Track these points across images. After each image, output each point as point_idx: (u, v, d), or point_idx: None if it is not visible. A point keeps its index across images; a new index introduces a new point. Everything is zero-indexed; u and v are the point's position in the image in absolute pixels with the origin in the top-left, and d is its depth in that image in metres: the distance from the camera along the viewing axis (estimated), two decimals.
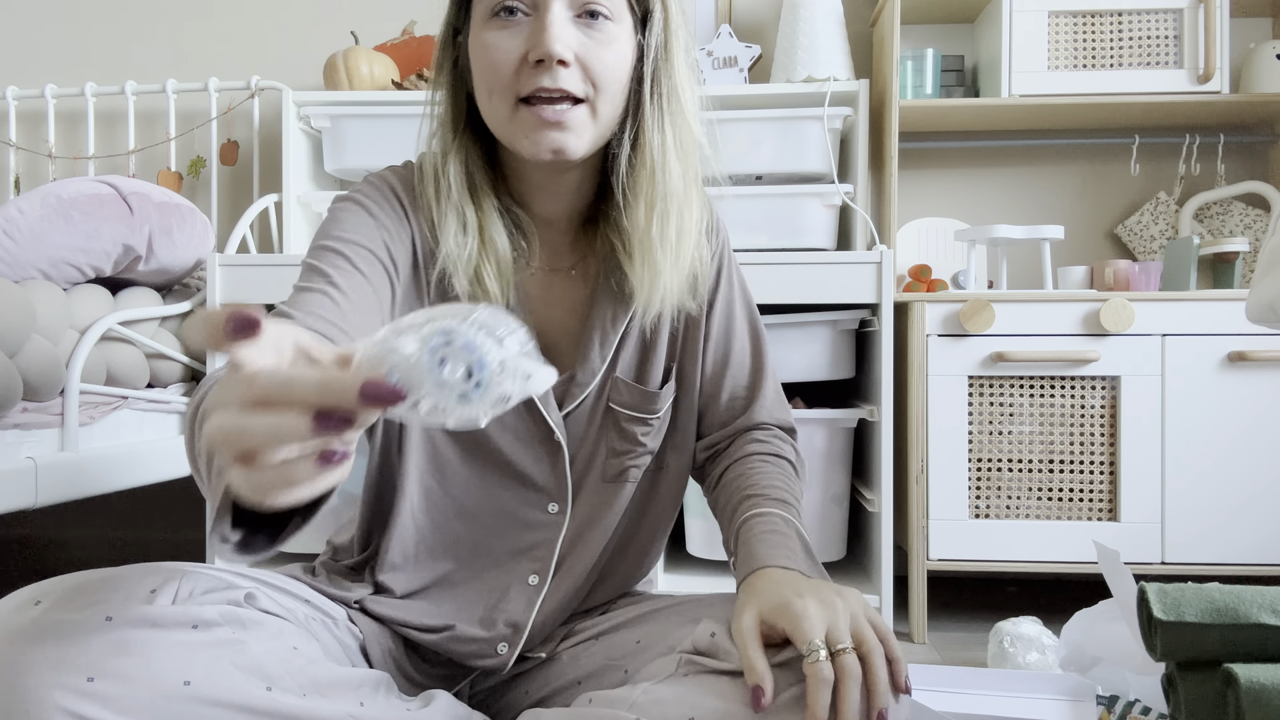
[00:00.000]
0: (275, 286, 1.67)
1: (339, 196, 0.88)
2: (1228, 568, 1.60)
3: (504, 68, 0.78)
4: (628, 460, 0.92)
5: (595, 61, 0.79)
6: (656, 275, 0.85)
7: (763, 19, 2.12)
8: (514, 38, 0.78)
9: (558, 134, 0.79)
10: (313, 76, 2.21)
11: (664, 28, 0.83)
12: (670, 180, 0.84)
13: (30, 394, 1.36)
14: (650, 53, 0.83)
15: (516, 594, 0.90)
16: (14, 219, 1.49)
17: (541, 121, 0.78)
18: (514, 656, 0.90)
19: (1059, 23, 1.85)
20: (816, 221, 1.81)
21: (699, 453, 0.99)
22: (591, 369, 0.90)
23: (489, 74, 0.79)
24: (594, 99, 0.80)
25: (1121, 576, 1.01)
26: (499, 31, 0.78)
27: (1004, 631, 1.37)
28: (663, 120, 0.84)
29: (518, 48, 0.78)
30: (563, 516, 0.91)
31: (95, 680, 0.63)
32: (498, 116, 0.81)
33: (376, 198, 0.86)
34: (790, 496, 0.90)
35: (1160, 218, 2.05)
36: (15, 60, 2.31)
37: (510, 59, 0.78)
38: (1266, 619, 0.78)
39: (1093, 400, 1.64)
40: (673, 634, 0.82)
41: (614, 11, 0.80)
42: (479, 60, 0.80)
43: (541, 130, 0.78)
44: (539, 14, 0.77)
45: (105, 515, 2.29)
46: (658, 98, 0.84)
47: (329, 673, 0.75)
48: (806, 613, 0.69)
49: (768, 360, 1.00)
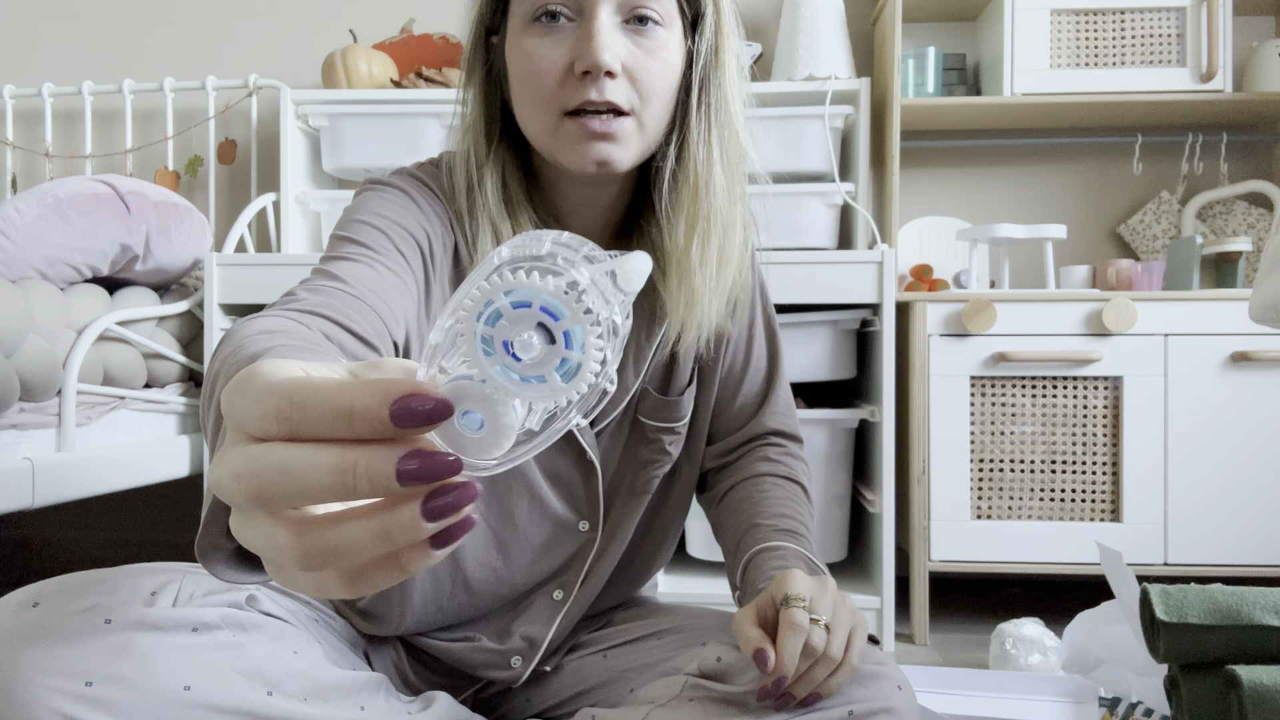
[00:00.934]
0: (273, 286, 1.66)
1: (369, 181, 0.82)
2: (1231, 569, 1.60)
3: (548, 78, 0.73)
4: (654, 470, 0.90)
5: (643, 71, 0.74)
6: (694, 301, 0.80)
7: (764, 17, 2.11)
8: (558, 46, 0.73)
9: (604, 145, 0.74)
10: (311, 75, 2.20)
11: (715, 31, 0.78)
12: (715, 198, 0.79)
13: (27, 394, 1.35)
14: (699, 59, 0.78)
15: (539, 609, 0.88)
16: (11, 218, 1.49)
17: (588, 134, 0.73)
18: (528, 672, 0.89)
19: (1061, 21, 1.85)
20: (817, 221, 1.80)
21: (707, 459, 0.97)
22: (625, 386, 0.87)
23: (530, 84, 0.74)
24: (640, 111, 0.75)
25: (1124, 578, 1.01)
26: (541, 39, 0.73)
27: (1006, 633, 1.36)
28: (709, 132, 0.79)
29: (562, 57, 0.72)
30: (594, 534, 0.89)
31: (94, 684, 0.63)
32: (539, 128, 0.76)
33: (418, 187, 0.81)
34: (801, 526, 0.87)
35: (1163, 217, 2.05)
36: (12, 59, 2.31)
37: (554, 69, 0.72)
38: (1269, 620, 0.78)
39: (1095, 400, 1.63)
40: (679, 655, 0.81)
41: (664, 16, 0.75)
42: (519, 69, 0.75)
43: (588, 143, 0.74)
44: (584, 20, 0.72)
45: (102, 516, 2.28)
46: (705, 108, 0.79)
47: (330, 676, 0.74)
48: (799, 580, 0.71)
49: (782, 366, 0.97)
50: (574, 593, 0.89)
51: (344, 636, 0.87)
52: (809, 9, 1.88)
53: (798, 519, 0.88)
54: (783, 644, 0.67)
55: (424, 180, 0.82)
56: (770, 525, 0.85)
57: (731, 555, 0.88)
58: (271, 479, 0.30)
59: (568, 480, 0.86)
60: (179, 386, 1.74)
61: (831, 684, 0.69)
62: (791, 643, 0.67)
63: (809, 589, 0.71)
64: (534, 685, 0.91)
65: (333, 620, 0.87)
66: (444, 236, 0.80)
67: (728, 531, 0.90)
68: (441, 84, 1.99)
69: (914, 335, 1.65)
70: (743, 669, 0.73)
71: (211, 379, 0.49)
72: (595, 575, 0.90)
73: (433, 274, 0.78)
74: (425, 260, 0.77)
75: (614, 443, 0.88)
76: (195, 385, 1.79)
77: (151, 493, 2.19)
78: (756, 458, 0.94)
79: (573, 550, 0.89)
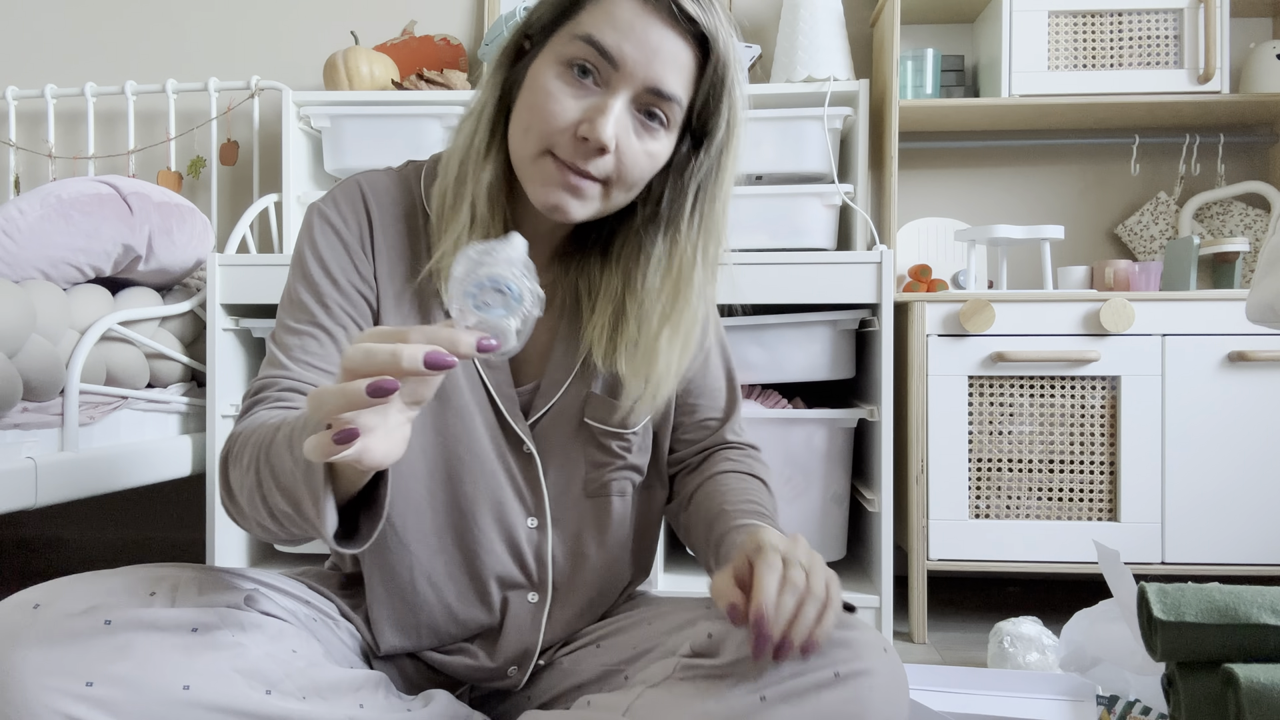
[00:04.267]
0: (275, 286, 1.67)
1: (311, 209, 0.89)
2: (1228, 568, 1.60)
3: (554, 123, 0.77)
4: (608, 474, 0.92)
5: (630, 157, 0.79)
6: (658, 382, 0.86)
7: (763, 19, 2.12)
8: (575, 100, 0.77)
9: (568, 197, 0.79)
10: (313, 76, 2.21)
11: (723, 149, 0.83)
12: (692, 295, 0.85)
13: (30, 394, 1.36)
14: (701, 168, 0.83)
15: (519, 614, 0.89)
16: (14, 219, 1.49)
17: (561, 182, 0.78)
18: (525, 678, 0.90)
19: (1059, 22, 1.85)
20: (816, 221, 1.81)
21: (667, 468, 1.00)
22: (555, 380, 0.90)
23: (536, 117, 0.78)
24: (613, 184, 0.80)
25: (1121, 576, 1.02)
26: (565, 85, 0.77)
27: (1004, 631, 1.37)
28: (698, 237, 0.85)
29: (575, 111, 0.77)
30: (544, 532, 0.90)
31: (94, 685, 0.63)
32: (522, 151, 0.80)
33: (345, 214, 0.87)
34: (766, 510, 0.90)
35: (1160, 218, 2.05)
36: (15, 60, 2.31)
37: (564, 120, 0.77)
38: (1267, 619, 0.78)
39: (1093, 400, 1.64)
40: (671, 638, 0.82)
41: (671, 120, 0.80)
42: (534, 95, 0.78)
43: (555, 188, 0.79)
44: (606, 93, 0.77)
45: (105, 515, 2.29)
46: (699, 216, 0.84)
47: (329, 674, 0.75)
48: (770, 533, 0.74)
49: (739, 390, 1.03)
50: (549, 596, 0.90)
51: (343, 638, 0.87)
52: (808, 10, 1.88)
53: (763, 505, 0.91)
54: (759, 582, 0.68)
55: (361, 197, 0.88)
56: (739, 510, 0.88)
57: (704, 544, 0.90)
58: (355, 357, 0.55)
59: (507, 468, 0.88)
60: (181, 386, 1.75)
61: (825, 625, 0.69)
62: (768, 579, 0.68)
63: (782, 540, 0.73)
64: (533, 680, 0.91)
65: (332, 621, 0.87)
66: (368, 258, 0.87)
67: (698, 527, 0.93)
68: (443, 85, 2.00)
69: (912, 335, 1.66)
70: (733, 640, 0.74)
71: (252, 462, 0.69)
72: (572, 579, 0.91)
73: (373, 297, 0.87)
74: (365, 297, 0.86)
75: (559, 440, 0.91)
76: (198, 385, 1.80)
77: (154, 492, 2.20)
78: (719, 459, 0.99)
79: (529, 548, 0.90)
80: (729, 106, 0.81)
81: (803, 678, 0.70)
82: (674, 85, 0.77)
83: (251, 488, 0.69)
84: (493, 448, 0.88)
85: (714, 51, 0.77)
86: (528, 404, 0.90)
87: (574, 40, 0.76)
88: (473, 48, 2.19)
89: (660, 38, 0.76)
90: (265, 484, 0.67)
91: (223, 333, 1.70)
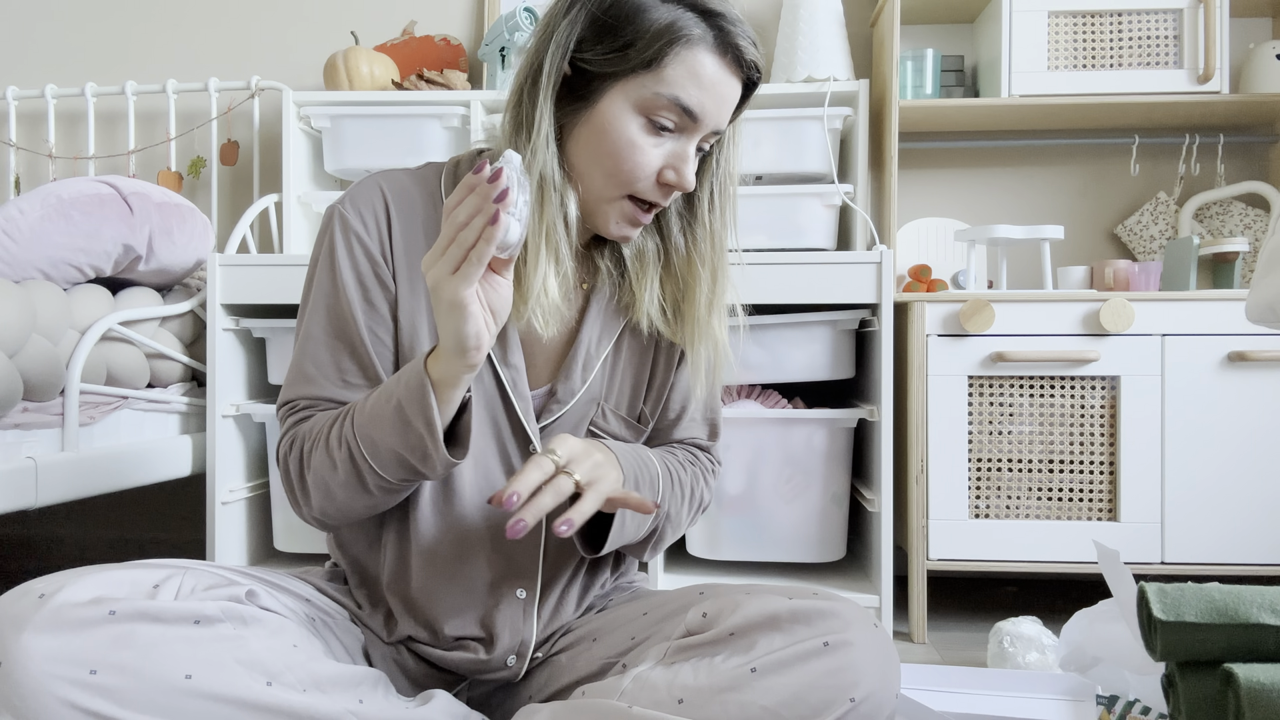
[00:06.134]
0: (275, 286, 1.67)
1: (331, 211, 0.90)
2: (1227, 567, 1.61)
3: (641, 173, 0.83)
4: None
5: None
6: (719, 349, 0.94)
7: (762, 19, 2.12)
8: (658, 149, 0.83)
9: (636, 230, 0.88)
10: (313, 77, 2.21)
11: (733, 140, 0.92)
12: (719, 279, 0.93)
13: (31, 394, 1.36)
14: (719, 168, 0.92)
15: (509, 609, 0.90)
16: (14, 219, 1.49)
17: (636, 219, 0.87)
18: (524, 668, 0.91)
19: (1059, 23, 1.86)
20: (816, 221, 1.81)
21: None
22: (571, 388, 0.91)
23: (619, 164, 0.83)
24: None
25: (1121, 576, 1.02)
26: (648, 136, 0.83)
27: (1004, 631, 1.37)
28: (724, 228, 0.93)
29: (658, 159, 0.84)
30: (539, 530, 0.90)
31: (98, 673, 0.64)
32: (600, 192, 0.85)
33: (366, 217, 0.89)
34: (674, 468, 0.94)
35: (1160, 218, 2.06)
36: (15, 60, 2.31)
37: (649, 169, 0.83)
38: (1266, 619, 0.78)
39: (1092, 400, 1.64)
40: (666, 625, 0.83)
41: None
42: (613, 146, 0.82)
43: (628, 225, 0.87)
44: (684, 139, 0.84)
45: (105, 515, 2.29)
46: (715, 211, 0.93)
47: (329, 669, 0.75)
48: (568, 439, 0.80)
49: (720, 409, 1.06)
50: (537, 591, 0.91)
51: (343, 637, 0.88)
52: (808, 11, 1.88)
53: (675, 464, 0.95)
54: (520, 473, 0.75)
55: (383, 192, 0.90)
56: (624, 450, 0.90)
57: None
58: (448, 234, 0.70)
59: (514, 466, 0.91)
60: (181, 386, 1.75)
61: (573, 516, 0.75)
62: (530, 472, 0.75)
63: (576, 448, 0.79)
64: (532, 677, 0.92)
65: (332, 619, 0.88)
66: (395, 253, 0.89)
67: None
68: (443, 85, 2.00)
69: (912, 335, 1.66)
70: (725, 617, 0.77)
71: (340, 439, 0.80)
72: (559, 575, 0.92)
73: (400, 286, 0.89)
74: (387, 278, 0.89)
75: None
76: (198, 385, 1.80)
77: (154, 492, 2.20)
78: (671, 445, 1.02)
79: (523, 546, 0.90)
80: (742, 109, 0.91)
81: (792, 648, 0.72)
82: (730, 119, 0.87)
83: (345, 461, 0.79)
84: (504, 446, 0.90)
85: (758, 82, 0.88)
86: (540, 408, 0.91)
87: (659, 98, 0.81)
88: (473, 48, 2.19)
89: (730, 89, 0.84)
90: (364, 445, 0.78)
91: (223, 333, 1.70)
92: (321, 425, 0.82)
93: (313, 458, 0.82)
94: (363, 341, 0.86)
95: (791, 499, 1.66)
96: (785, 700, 0.70)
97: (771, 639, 0.73)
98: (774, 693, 0.70)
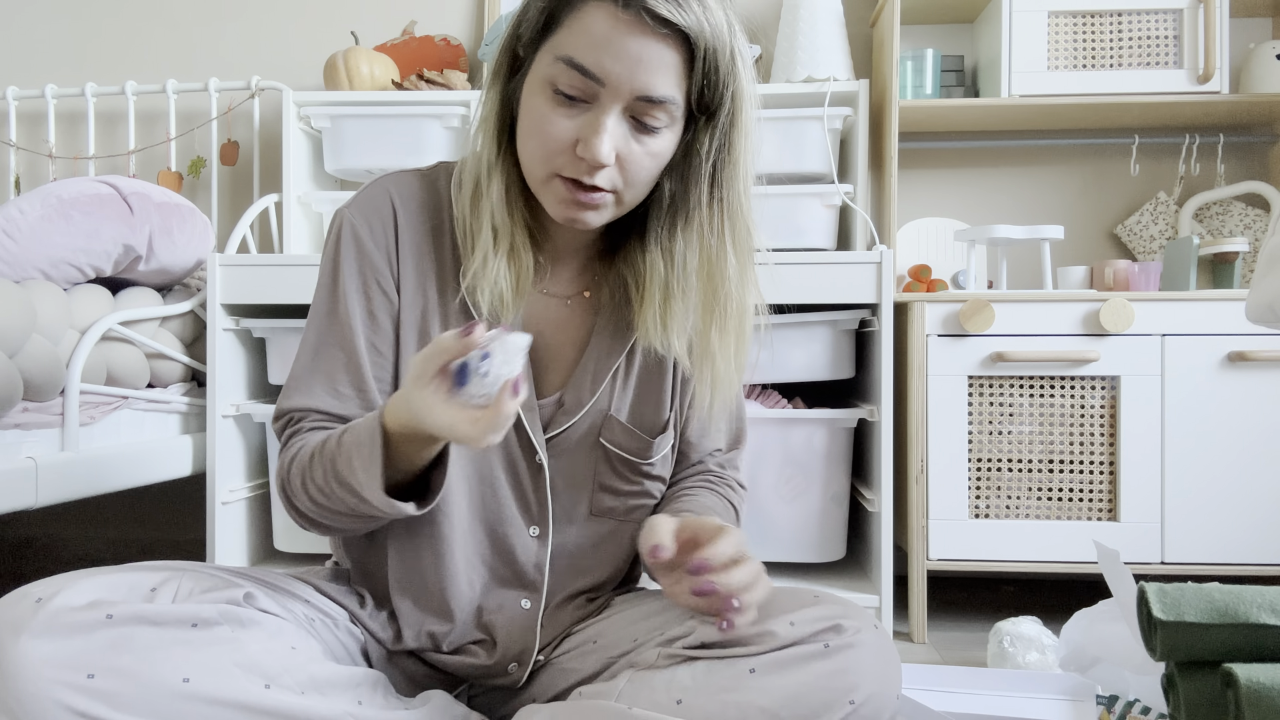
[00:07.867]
0: (276, 286, 1.67)
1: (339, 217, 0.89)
2: (1228, 567, 1.60)
3: (552, 145, 0.78)
4: (618, 499, 0.92)
5: (633, 163, 0.79)
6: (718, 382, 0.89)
7: (763, 19, 2.12)
8: (568, 120, 0.77)
9: (582, 211, 0.81)
10: (313, 77, 2.21)
11: (731, 125, 0.83)
12: (729, 285, 0.88)
13: (31, 394, 1.36)
14: (712, 154, 0.83)
15: (513, 617, 0.90)
16: (14, 219, 1.49)
17: (573, 200, 0.80)
18: (526, 675, 0.90)
19: (1059, 23, 1.86)
20: (816, 221, 1.81)
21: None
22: (580, 399, 0.90)
23: (535, 141, 0.79)
24: (622, 191, 0.81)
25: (1121, 576, 1.02)
26: (556, 108, 0.77)
27: (1004, 631, 1.37)
28: (722, 225, 0.86)
29: (570, 132, 0.77)
30: (544, 542, 0.90)
31: (95, 677, 0.64)
32: (533, 175, 0.82)
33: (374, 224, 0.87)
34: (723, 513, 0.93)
35: (1160, 218, 2.06)
36: (15, 60, 2.31)
37: (561, 141, 0.77)
38: (1266, 619, 0.78)
39: (1092, 400, 1.64)
40: (668, 627, 0.83)
41: (671, 116, 0.79)
42: (528, 121, 0.80)
43: (570, 205, 0.80)
44: (597, 109, 0.77)
45: (105, 515, 2.29)
46: (717, 202, 0.85)
47: (327, 671, 0.75)
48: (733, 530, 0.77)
49: (746, 425, 1.04)
50: (542, 602, 0.90)
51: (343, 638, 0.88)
52: (808, 11, 1.88)
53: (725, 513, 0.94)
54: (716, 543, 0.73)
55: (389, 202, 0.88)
56: (699, 508, 0.90)
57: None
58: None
59: (517, 475, 0.90)
60: (181, 386, 1.75)
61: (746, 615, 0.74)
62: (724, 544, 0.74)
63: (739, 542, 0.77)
64: (533, 680, 0.92)
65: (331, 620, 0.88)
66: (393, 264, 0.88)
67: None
68: (443, 85, 2.00)
69: (912, 335, 1.66)
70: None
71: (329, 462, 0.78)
72: (565, 587, 0.92)
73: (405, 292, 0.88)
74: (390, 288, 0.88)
75: (573, 456, 0.91)
76: (198, 385, 1.80)
77: (154, 492, 2.20)
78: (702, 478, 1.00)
79: (528, 557, 0.90)
80: (731, 85, 0.80)
81: (793, 649, 0.71)
82: (663, 88, 0.76)
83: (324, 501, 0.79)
84: (509, 454, 0.89)
85: (700, 44, 0.76)
86: (548, 418, 0.90)
87: (555, 62, 0.76)
88: (473, 48, 2.19)
89: (640, 46, 0.74)
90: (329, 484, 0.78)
91: (223, 333, 1.70)
92: (304, 458, 0.81)
93: (300, 493, 0.82)
94: (358, 353, 0.85)
95: (791, 499, 1.66)
96: (784, 701, 0.70)
97: (773, 638, 0.73)
98: (772, 694, 0.70)
